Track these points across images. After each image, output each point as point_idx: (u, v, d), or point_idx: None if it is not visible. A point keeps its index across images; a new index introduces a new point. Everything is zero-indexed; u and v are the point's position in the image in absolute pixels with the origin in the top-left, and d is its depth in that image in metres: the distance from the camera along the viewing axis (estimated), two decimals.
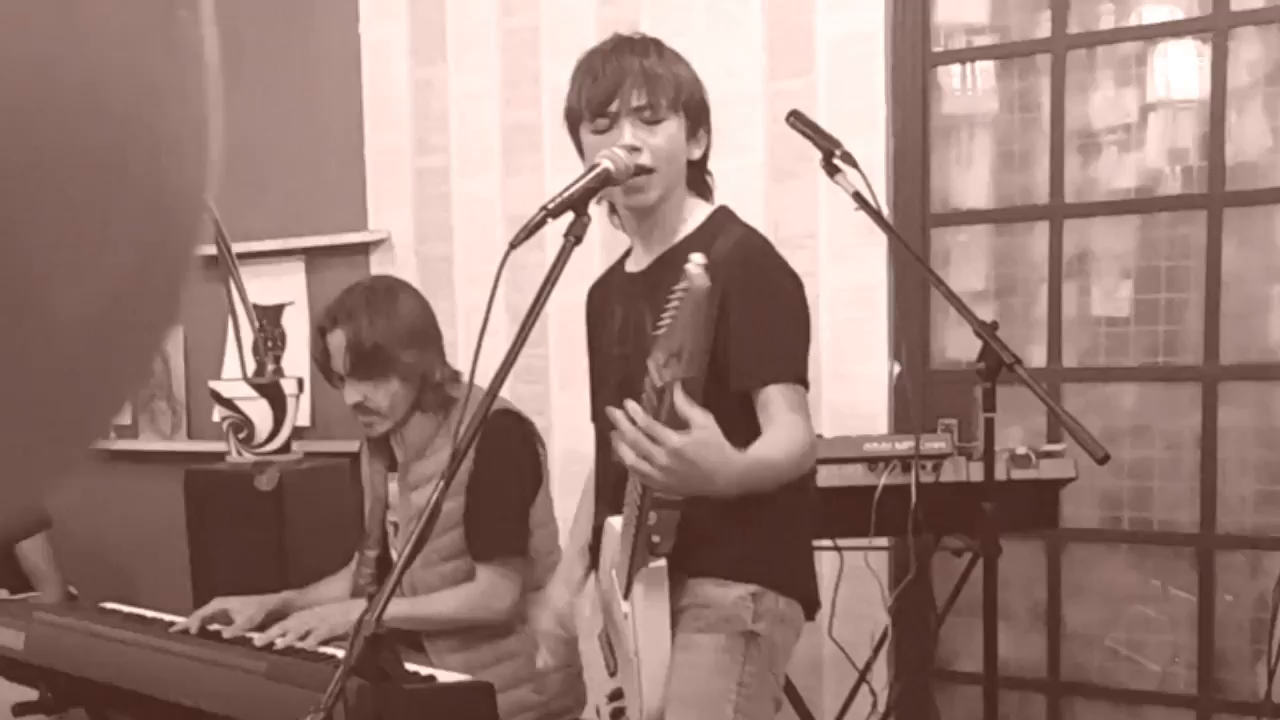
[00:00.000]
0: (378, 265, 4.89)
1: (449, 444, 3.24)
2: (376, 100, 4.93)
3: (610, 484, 2.76)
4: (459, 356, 3.98)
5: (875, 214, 2.95)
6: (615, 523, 2.66)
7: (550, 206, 2.37)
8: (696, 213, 2.74)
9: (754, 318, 2.42)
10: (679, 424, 2.13)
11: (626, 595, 2.58)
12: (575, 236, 2.39)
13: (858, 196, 2.93)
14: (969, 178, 4.27)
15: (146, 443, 5.58)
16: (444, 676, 2.82)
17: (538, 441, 3.52)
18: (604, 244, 4.16)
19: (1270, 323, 3.91)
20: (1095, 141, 4.08)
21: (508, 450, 3.38)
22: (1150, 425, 4.06)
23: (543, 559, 3.44)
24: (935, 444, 3.42)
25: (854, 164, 2.97)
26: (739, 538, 2.61)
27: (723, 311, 2.45)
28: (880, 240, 3.85)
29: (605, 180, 2.50)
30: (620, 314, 2.80)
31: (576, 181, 2.44)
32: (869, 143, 3.95)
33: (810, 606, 2.78)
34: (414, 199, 4.88)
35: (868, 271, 4.08)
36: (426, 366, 3.40)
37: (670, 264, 2.67)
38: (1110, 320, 4.10)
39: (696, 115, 2.70)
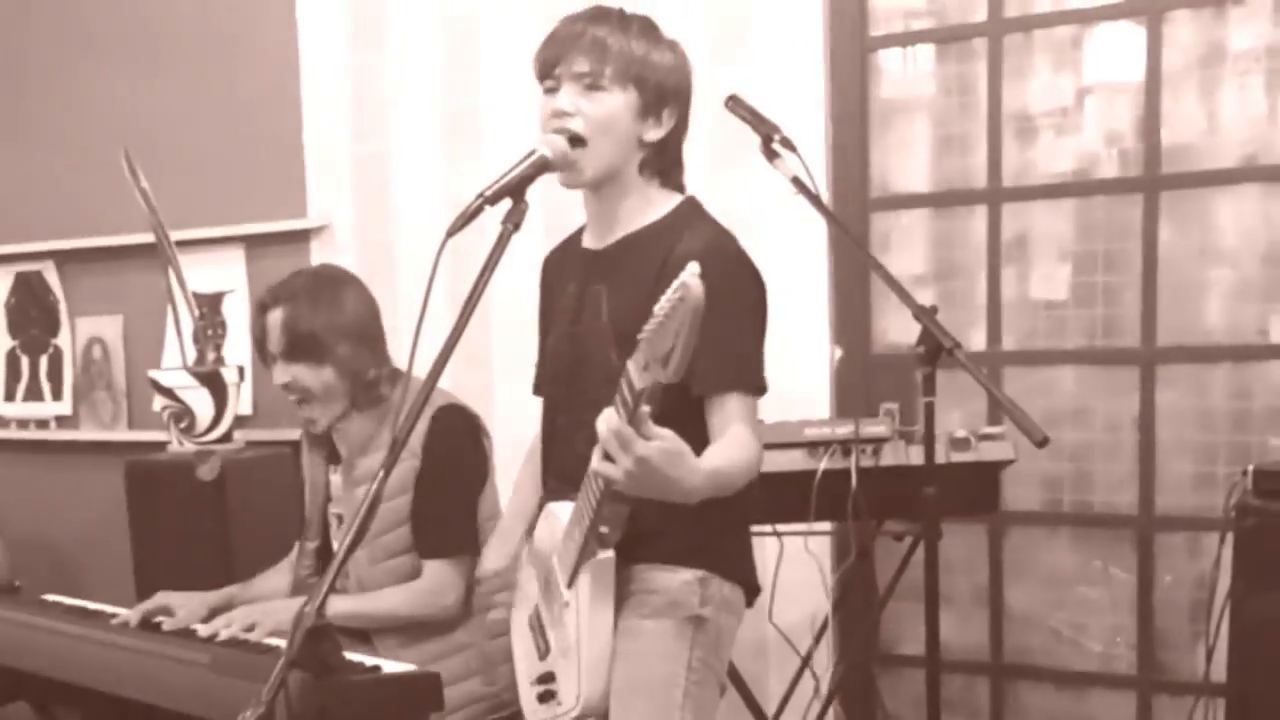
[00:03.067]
0: (318, 252, 4.86)
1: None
2: (315, 86, 4.90)
3: (556, 458, 2.77)
4: (400, 344, 3.96)
5: (814, 198, 2.96)
6: (558, 509, 2.65)
7: (488, 194, 2.37)
8: (662, 201, 2.71)
9: (719, 324, 2.41)
10: (645, 429, 2.14)
11: (570, 584, 2.57)
12: (513, 224, 2.39)
13: (796, 181, 2.93)
14: (908, 162, 4.28)
15: (87, 433, 5.54)
16: (389, 667, 2.81)
17: (483, 435, 3.50)
18: (548, 230, 4.15)
19: (1206, 305, 3.94)
20: (1032, 125, 4.10)
21: (454, 446, 3.37)
22: (1089, 408, 4.09)
23: None
24: (875, 428, 3.43)
25: (793, 148, 2.97)
26: (686, 525, 2.59)
27: None
28: (820, 225, 3.85)
29: (543, 167, 2.50)
30: (574, 291, 2.77)
31: (514, 168, 2.43)
32: (807, 127, 3.94)
33: (751, 592, 2.78)
34: (354, 186, 4.85)
35: (808, 256, 4.08)
36: (360, 364, 3.36)
37: (633, 249, 2.66)
38: (1049, 304, 4.12)
39: (655, 95, 2.64)
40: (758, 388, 2.59)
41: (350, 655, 2.73)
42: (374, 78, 4.78)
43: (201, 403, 4.55)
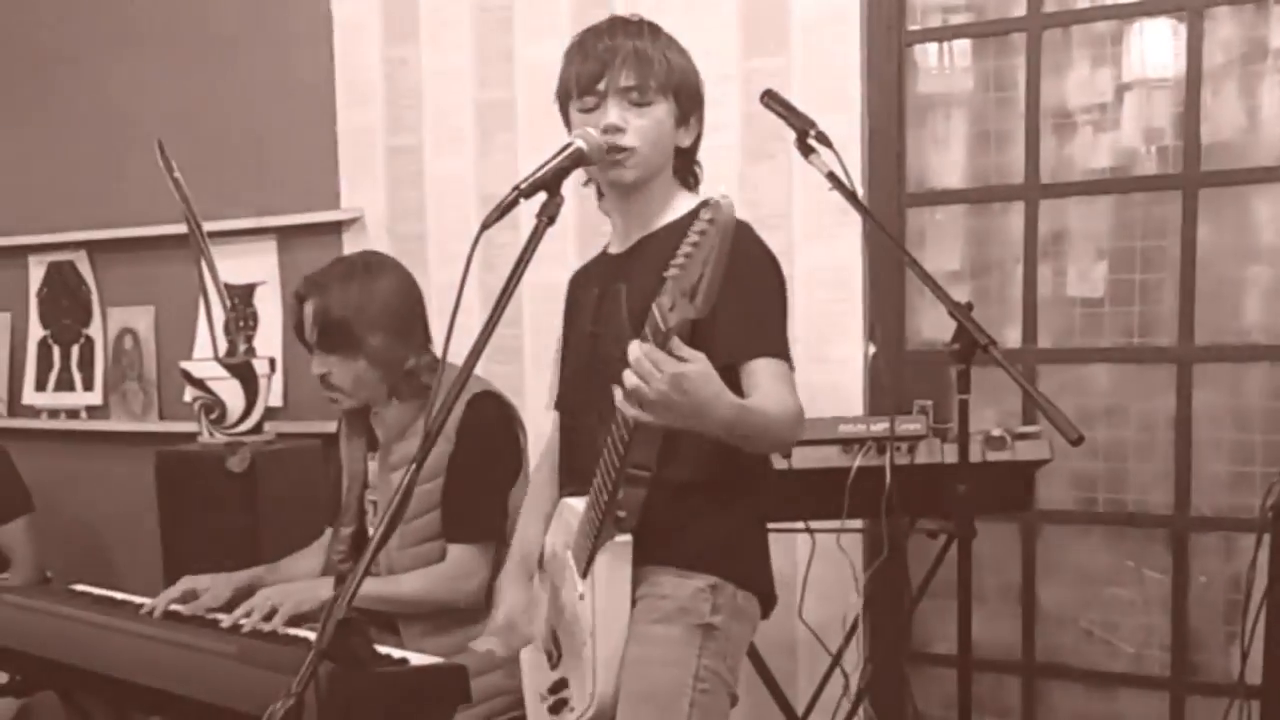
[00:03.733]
0: (350, 244, 4.86)
1: None
2: (349, 78, 4.90)
3: (579, 460, 2.75)
4: (433, 337, 3.97)
5: (849, 194, 2.95)
6: (573, 504, 2.65)
7: (523, 186, 2.36)
8: (681, 202, 2.72)
9: (740, 296, 2.40)
10: (678, 352, 2.17)
11: (585, 574, 2.56)
12: (548, 217, 2.38)
13: (832, 177, 2.93)
14: (944, 157, 4.26)
15: (117, 423, 5.56)
16: (416, 659, 2.81)
17: (519, 426, 3.50)
18: (579, 226, 4.15)
19: (1245, 304, 3.91)
20: (1071, 121, 4.07)
21: (488, 433, 3.38)
22: (1125, 406, 4.06)
23: None
24: (910, 425, 3.42)
25: (828, 144, 2.97)
26: (700, 530, 2.60)
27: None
28: (855, 221, 3.84)
29: (579, 160, 2.49)
30: (597, 293, 2.78)
31: (549, 161, 2.43)
32: (844, 122, 3.94)
33: (767, 603, 2.76)
34: (387, 178, 4.85)
35: (842, 252, 4.06)
36: (397, 353, 3.37)
37: (648, 248, 2.67)
38: (1085, 301, 4.10)
39: (688, 102, 2.68)
40: (784, 354, 2.58)
41: (378, 648, 2.73)
42: (408, 69, 4.78)
43: (232, 394, 4.56)
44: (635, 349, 2.18)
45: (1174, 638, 4.03)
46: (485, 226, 2.27)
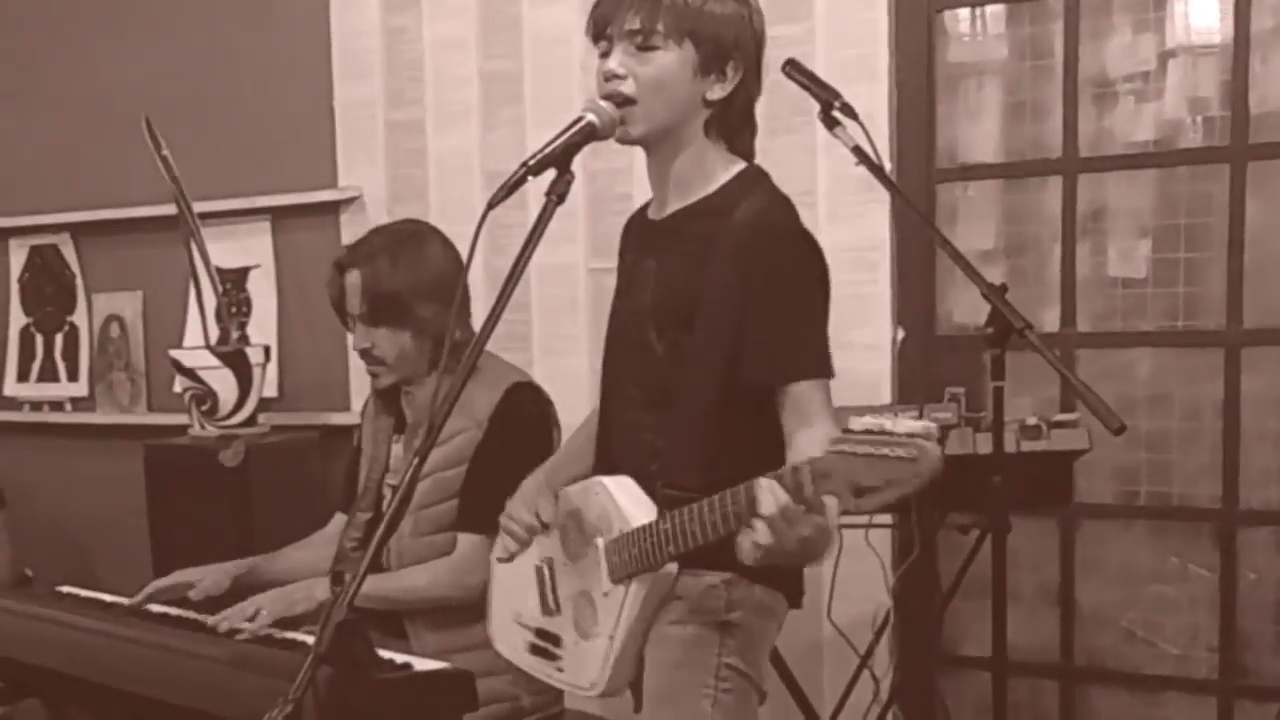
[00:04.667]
0: (348, 225, 4.86)
1: (458, 413, 3.22)
2: (346, 49, 4.89)
3: (610, 440, 2.76)
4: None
5: (877, 169, 2.94)
6: (612, 486, 2.62)
7: (531, 163, 2.35)
8: (722, 170, 2.65)
9: (777, 307, 2.37)
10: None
11: (615, 580, 2.56)
12: (558, 195, 2.37)
13: (858, 151, 2.91)
14: (977, 130, 4.25)
15: (104, 415, 5.57)
16: (420, 664, 2.81)
17: (554, 423, 3.49)
18: (590, 205, 4.15)
19: None
20: (1111, 91, 4.06)
21: (522, 425, 3.38)
22: (1169, 393, 4.05)
23: None
24: (941, 414, 3.41)
25: (854, 116, 2.95)
26: None
27: (743, 290, 2.46)
28: (882, 197, 3.84)
29: (590, 135, 2.48)
30: (631, 263, 2.77)
31: (559, 136, 2.42)
32: (870, 93, 3.93)
33: (794, 595, 2.75)
34: (386, 155, 4.84)
35: (869, 231, 4.06)
36: (444, 324, 3.36)
37: (686, 223, 2.63)
38: (1126, 281, 4.09)
39: (714, 49, 2.57)
40: (826, 371, 2.55)
41: (381, 652, 2.73)
42: (408, 40, 4.77)
43: (224, 384, 4.56)
44: (770, 500, 2.16)
45: (1221, 638, 4.02)
46: (491, 205, 2.27)
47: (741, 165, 2.68)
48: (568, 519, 2.74)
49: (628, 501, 2.58)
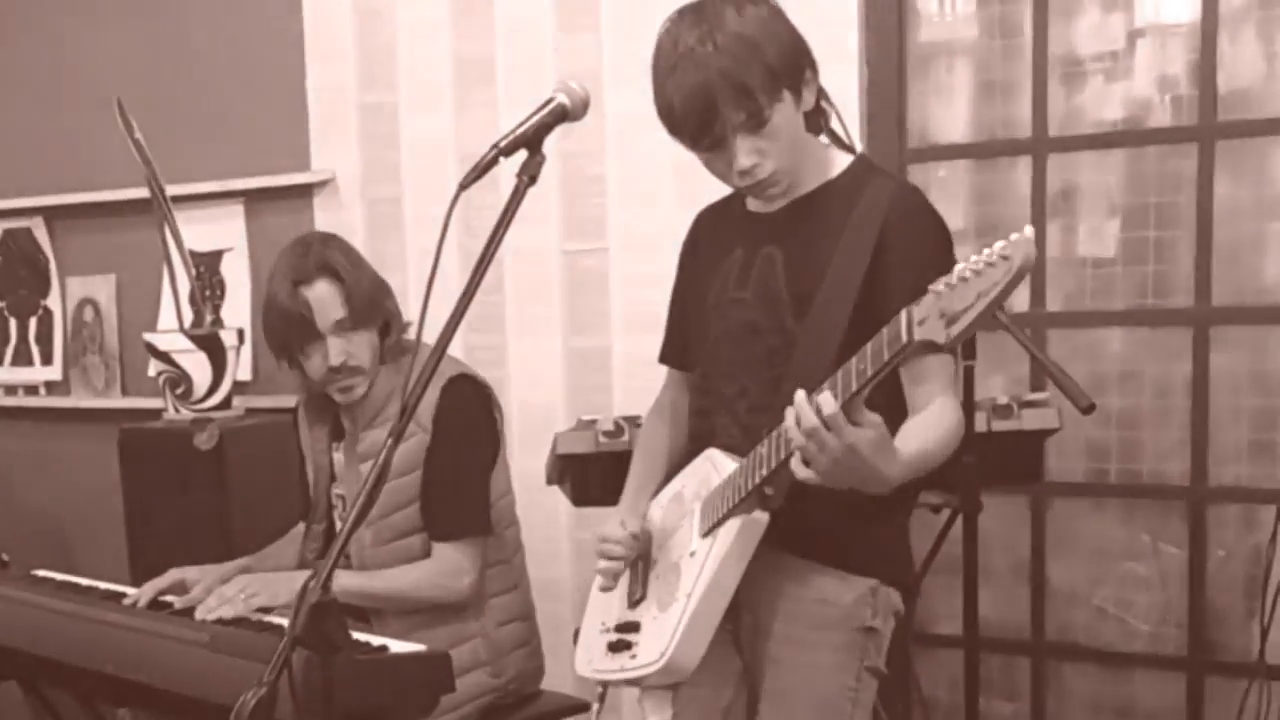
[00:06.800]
0: (321, 208, 4.85)
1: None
2: (318, 31, 4.86)
3: (720, 428, 2.75)
4: (409, 303, 3.95)
5: (848, 149, 2.94)
6: (720, 458, 2.66)
7: (503, 144, 2.34)
8: (834, 160, 2.69)
9: (916, 279, 2.40)
10: (858, 415, 2.16)
11: (707, 534, 2.57)
12: (530, 176, 2.36)
13: (829, 131, 2.91)
14: (947, 110, 4.26)
15: (78, 399, 5.55)
16: (397, 646, 2.81)
17: (495, 407, 3.48)
18: (562, 185, 4.15)
19: (1265, 262, 3.92)
20: (1080, 70, 4.07)
21: (467, 420, 3.35)
22: (1139, 372, 4.07)
23: (502, 531, 3.41)
24: None
25: (824, 96, 2.95)
26: (867, 533, 2.63)
27: (880, 265, 2.48)
28: None
29: (561, 116, 2.47)
30: (740, 256, 2.74)
31: (531, 117, 2.42)
32: (840, 73, 3.91)
33: (909, 594, 2.80)
34: (360, 137, 4.81)
35: None
36: (396, 319, 3.43)
37: (809, 210, 2.64)
38: (1096, 261, 4.10)
39: (795, 75, 2.56)
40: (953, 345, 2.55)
41: (357, 634, 2.73)
42: (381, 21, 4.74)
43: (199, 367, 4.55)
44: (808, 405, 2.16)
45: (1191, 615, 4.04)
46: (463, 187, 2.26)
47: (850, 156, 2.72)
48: (670, 503, 2.80)
49: (727, 460, 2.62)
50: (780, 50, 2.53)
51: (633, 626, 2.74)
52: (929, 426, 2.46)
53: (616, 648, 2.77)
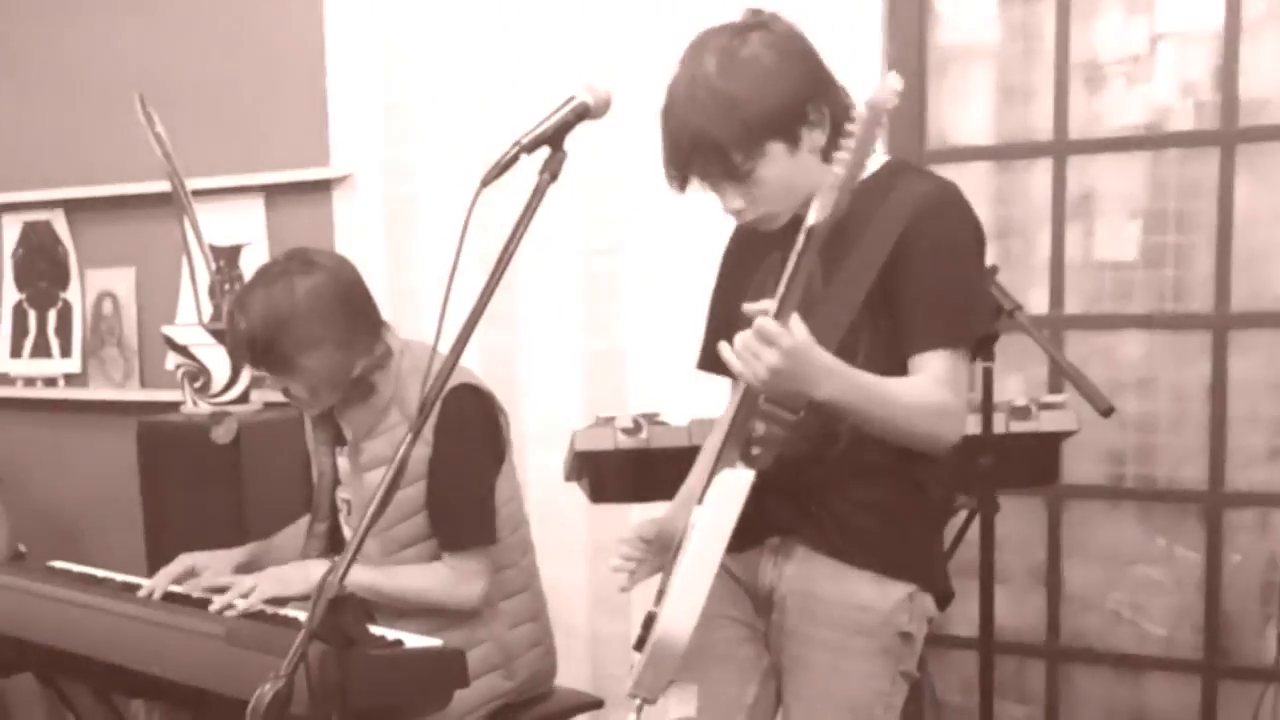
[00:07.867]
0: (340, 203, 4.86)
1: (402, 421, 3.25)
2: (340, 28, 4.86)
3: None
4: (425, 301, 3.96)
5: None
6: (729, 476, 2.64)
7: (524, 141, 2.33)
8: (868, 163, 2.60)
9: (938, 273, 2.37)
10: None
11: (700, 500, 2.55)
12: (551, 173, 2.36)
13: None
14: (968, 112, 4.25)
15: (97, 392, 5.56)
16: (412, 641, 2.82)
17: (499, 413, 3.44)
18: (582, 182, 4.14)
19: None
20: (1102, 74, 4.06)
21: (468, 430, 3.30)
22: (1157, 376, 4.06)
23: (507, 537, 3.40)
24: None
25: (847, 115, 2.94)
26: (899, 535, 2.63)
27: (897, 256, 2.47)
28: None
29: (583, 114, 2.46)
30: (778, 259, 2.62)
31: (552, 114, 2.41)
32: (861, 75, 3.91)
33: (943, 600, 2.78)
34: (380, 134, 4.81)
35: None
36: (340, 363, 3.25)
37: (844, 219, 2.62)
38: (1116, 264, 4.09)
39: (789, 120, 2.52)
40: (956, 340, 2.53)
41: (373, 629, 2.73)
42: (402, 19, 4.75)
43: (217, 361, 4.55)
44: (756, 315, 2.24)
45: (1206, 619, 4.03)
46: (484, 184, 2.26)
47: (884, 157, 2.70)
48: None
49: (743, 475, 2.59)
50: (765, 105, 2.49)
51: (652, 619, 2.74)
52: (901, 383, 2.46)
53: (639, 645, 2.76)
